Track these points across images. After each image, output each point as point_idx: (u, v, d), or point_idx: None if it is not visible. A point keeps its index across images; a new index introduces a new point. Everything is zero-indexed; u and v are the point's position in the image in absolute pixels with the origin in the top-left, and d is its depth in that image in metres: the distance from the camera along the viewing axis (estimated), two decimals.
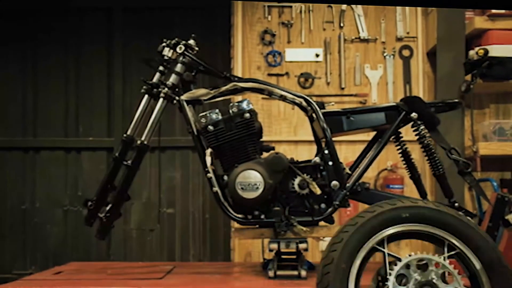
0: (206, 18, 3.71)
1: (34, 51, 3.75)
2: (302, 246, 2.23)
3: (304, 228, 2.16)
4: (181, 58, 2.29)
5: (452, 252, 1.79)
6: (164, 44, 2.32)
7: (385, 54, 3.45)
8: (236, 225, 2.31)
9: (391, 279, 1.76)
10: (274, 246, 2.23)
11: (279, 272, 2.14)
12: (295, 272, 2.14)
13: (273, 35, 3.46)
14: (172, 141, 3.61)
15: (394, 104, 2.29)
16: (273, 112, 3.44)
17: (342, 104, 3.31)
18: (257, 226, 2.23)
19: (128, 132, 2.31)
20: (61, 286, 2.09)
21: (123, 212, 2.43)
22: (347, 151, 2.31)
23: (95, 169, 3.64)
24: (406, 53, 3.46)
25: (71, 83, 3.75)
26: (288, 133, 3.42)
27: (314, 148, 2.35)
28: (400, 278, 1.78)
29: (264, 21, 3.49)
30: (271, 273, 2.14)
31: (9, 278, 3.08)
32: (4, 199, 3.68)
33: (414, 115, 2.23)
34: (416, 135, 2.26)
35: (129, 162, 2.27)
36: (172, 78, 2.28)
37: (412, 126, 2.26)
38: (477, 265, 1.78)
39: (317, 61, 3.46)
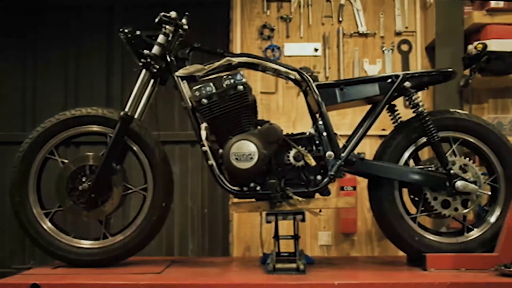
0: (206, 14, 3.68)
1: (34, 46, 3.71)
2: (298, 217, 2.22)
3: (300, 199, 2.16)
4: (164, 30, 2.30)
5: None
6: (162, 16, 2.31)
7: (383, 49, 3.42)
8: (234, 199, 2.30)
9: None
10: (272, 218, 2.22)
11: (277, 265, 2.12)
12: (294, 265, 2.11)
13: (272, 30, 3.42)
14: (171, 136, 3.58)
15: (387, 74, 2.31)
16: (272, 106, 3.41)
17: None
18: (253, 199, 2.23)
19: (126, 110, 2.29)
20: (60, 281, 2.06)
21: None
22: None
23: None
24: (405, 47, 3.43)
25: (70, 78, 3.71)
26: (287, 127, 3.33)
27: None
28: None
29: (263, 16, 3.45)
30: (270, 267, 2.12)
31: (8, 272, 3.03)
32: (4, 193, 3.63)
33: (407, 84, 2.25)
34: (409, 103, 2.27)
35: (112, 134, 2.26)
36: (155, 49, 2.29)
37: (405, 96, 2.29)
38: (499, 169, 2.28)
39: (316, 56, 3.42)
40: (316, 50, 3.41)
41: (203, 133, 2.19)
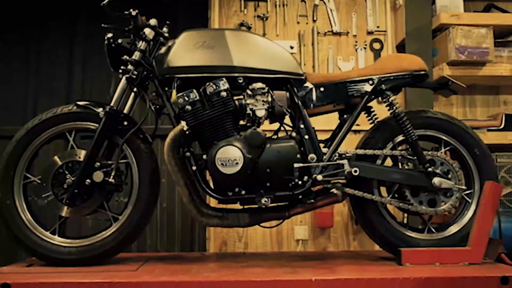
0: (184, 12, 3.48)
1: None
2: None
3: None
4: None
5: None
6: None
7: (356, 47, 3.29)
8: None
9: None
10: None
11: None
12: None
13: (249, 28, 3.25)
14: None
15: (364, 78, 2.18)
16: None
17: None
18: (237, 203, 2.08)
19: (112, 104, 2.10)
20: (32, 280, 1.83)
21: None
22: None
23: None
24: (376, 46, 3.30)
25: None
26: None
27: None
28: None
29: (240, 14, 3.28)
30: None
31: None
32: None
33: (383, 86, 2.15)
34: (386, 105, 2.16)
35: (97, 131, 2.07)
36: (135, 55, 2.10)
37: (382, 98, 2.17)
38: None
39: (291, 53, 3.25)
40: (291, 47, 3.26)
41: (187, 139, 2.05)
